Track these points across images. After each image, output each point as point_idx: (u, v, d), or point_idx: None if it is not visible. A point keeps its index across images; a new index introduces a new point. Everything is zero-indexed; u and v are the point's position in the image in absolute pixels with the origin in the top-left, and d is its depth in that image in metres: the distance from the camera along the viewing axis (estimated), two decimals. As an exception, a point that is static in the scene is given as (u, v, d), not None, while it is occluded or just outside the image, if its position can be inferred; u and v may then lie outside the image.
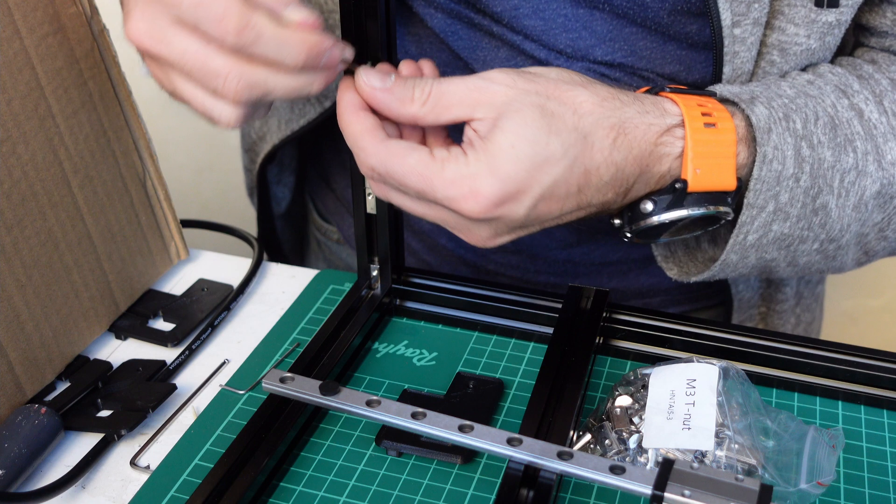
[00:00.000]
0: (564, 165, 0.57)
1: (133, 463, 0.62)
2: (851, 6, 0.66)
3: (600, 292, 0.69)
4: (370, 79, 0.58)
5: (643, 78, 0.74)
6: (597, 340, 0.67)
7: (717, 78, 0.68)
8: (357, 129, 0.58)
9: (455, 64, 0.79)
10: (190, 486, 0.58)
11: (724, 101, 0.64)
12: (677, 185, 0.60)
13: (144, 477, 0.60)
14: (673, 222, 0.62)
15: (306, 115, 0.87)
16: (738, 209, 0.63)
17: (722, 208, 0.61)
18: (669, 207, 0.61)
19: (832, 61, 0.71)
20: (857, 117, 0.64)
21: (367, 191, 0.68)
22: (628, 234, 0.64)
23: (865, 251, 0.70)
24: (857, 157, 0.63)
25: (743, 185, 0.62)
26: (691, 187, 0.60)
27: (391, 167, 0.57)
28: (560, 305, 0.70)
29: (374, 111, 0.59)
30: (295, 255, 1.09)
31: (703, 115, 0.61)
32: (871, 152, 0.64)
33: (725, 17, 0.64)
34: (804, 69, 0.69)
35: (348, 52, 0.59)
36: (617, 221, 0.64)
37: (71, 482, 0.59)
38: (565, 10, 0.72)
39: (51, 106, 0.65)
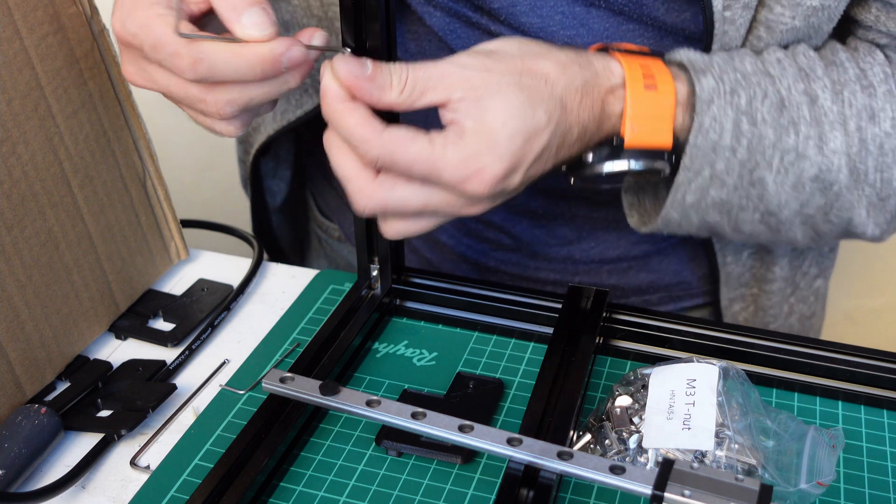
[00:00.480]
0: (550, 131, 0.61)
1: (133, 463, 0.62)
2: None
3: (600, 292, 0.69)
4: (351, 67, 0.58)
5: None
6: (597, 340, 0.67)
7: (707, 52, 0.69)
8: (353, 121, 0.58)
9: None
10: (190, 486, 0.58)
11: (679, 65, 0.67)
12: (615, 142, 0.64)
13: (144, 477, 0.60)
14: (611, 173, 0.65)
15: (303, 105, 0.87)
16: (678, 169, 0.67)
17: (657, 164, 0.65)
18: (607, 158, 0.65)
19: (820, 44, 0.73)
20: (809, 103, 0.67)
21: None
22: (572, 180, 0.67)
23: (815, 230, 0.72)
24: (798, 139, 0.67)
25: (681, 145, 0.66)
26: (627, 144, 0.64)
27: (397, 156, 0.57)
28: (558, 305, 0.70)
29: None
30: (294, 252, 1.09)
31: (645, 76, 0.65)
32: (814, 137, 0.67)
33: (717, 2, 0.66)
34: (785, 46, 0.71)
35: (317, 39, 0.61)
36: (563, 168, 0.67)
37: (71, 482, 0.59)
38: (563, 8, 0.72)
39: (51, 106, 0.65)
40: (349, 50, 0.62)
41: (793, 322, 0.89)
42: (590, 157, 0.65)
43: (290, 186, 1.01)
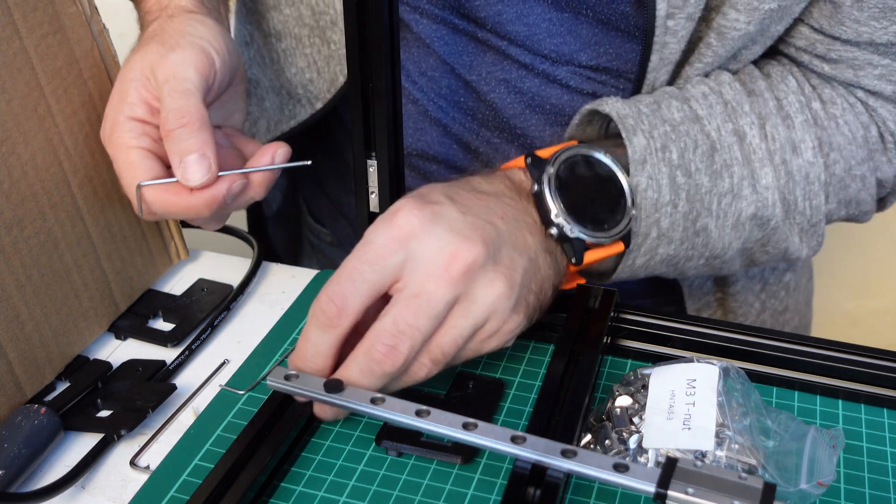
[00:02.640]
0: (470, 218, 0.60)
1: (133, 463, 0.62)
2: None
3: (608, 292, 0.69)
4: None
5: (628, 80, 0.74)
6: (605, 340, 0.67)
7: (644, 64, 0.70)
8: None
9: (442, 69, 0.80)
10: (190, 486, 0.58)
11: (608, 116, 0.69)
12: (528, 161, 0.66)
13: (144, 477, 0.60)
14: (571, 176, 0.66)
15: (296, 116, 0.87)
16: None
17: (582, 150, 0.67)
18: (539, 171, 0.65)
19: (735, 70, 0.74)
20: (739, 142, 0.68)
21: (371, 189, 0.68)
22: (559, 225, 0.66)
23: (752, 260, 0.75)
24: (733, 181, 0.68)
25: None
26: (539, 152, 0.67)
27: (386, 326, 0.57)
28: (562, 304, 0.70)
29: None
30: (288, 257, 1.09)
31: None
32: (747, 177, 0.68)
33: (661, 8, 0.66)
34: (707, 75, 0.72)
35: (280, 157, 0.66)
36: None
37: (71, 482, 0.59)
38: (549, 15, 0.72)
39: (51, 106, 0.65)
40: (310, 162, 0.67)
41: (765, 318, 0.90)
42: (535, 187, 0.65)
43: (284, 194, 1.02)
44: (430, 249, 0.57)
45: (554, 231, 0.64)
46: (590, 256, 0.66)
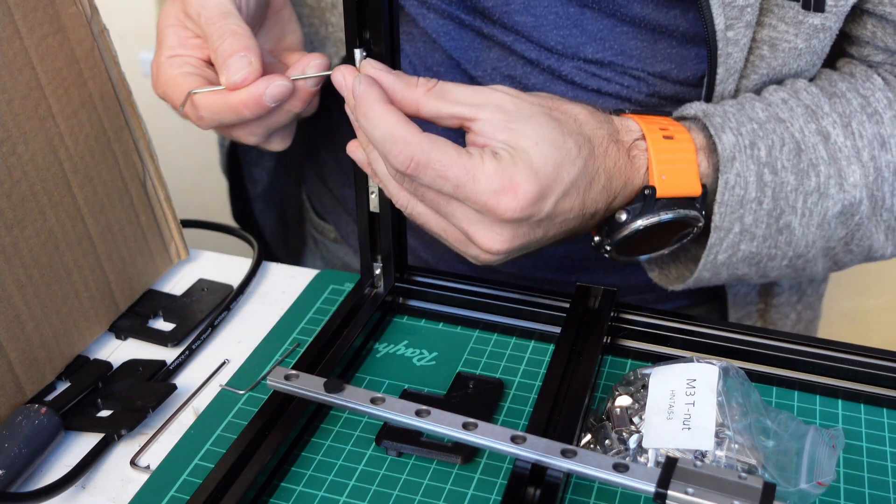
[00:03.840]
0: (579, 165, 0.60)
1: (133, 463, 0.62)
2: (836, 13, 0.68)
3: (608, 291, 0.69)
4: (376, 65, 0.60)
5: (634, 77, 0.74)
6: (605, 340, 0.67)
7: (712, 77, 0.70)
8: (391, 121, 0.58)
9: (447, 63, 0.80)
10: (190, 486, 0.58)
11: (692, 118, 0.68)
12: (646, 192, 0.64)
13: (144, 477, 0.60)
14: (647, 229, 0.65)
15: None
16: (706, 231, 0.67)
17: (691, 212, 0.65)
18: (641, 214, 0.65)
19: (813, 75, 0.74)
20: (823, 142, 0.68)
21: (370, 189, 0.68)
22: (608, 248, 0.67)
23: (835, 262, 0.74)
24: (819, 180, 0.67)
25: (709, 193, 0.66)
26: (659, 193, 0.64)
27: (433, 156, 0.57)
28: (562, 304, 0.70)
29: None
30: (278, 243, 1.08)
31: (661, 128, 0.66)
32: (834, 176, 0.68)
33: (719, 22, 0.67)
34: (781, 83, 0.72)
35: (312, 68, 0.66)
36: (596, 238, 0.68)
37: (71, 482, 0.59)
38: (556, 8, 0.73)
39: (51, 106, 0.65)
40: (363, 53, 0.63)
41: (800, 328, 0.90)
42: (623, 216, 0.65)
43: (272, 175, 1.01)
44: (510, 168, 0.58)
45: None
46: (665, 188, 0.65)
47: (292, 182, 1.04)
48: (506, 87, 0.62)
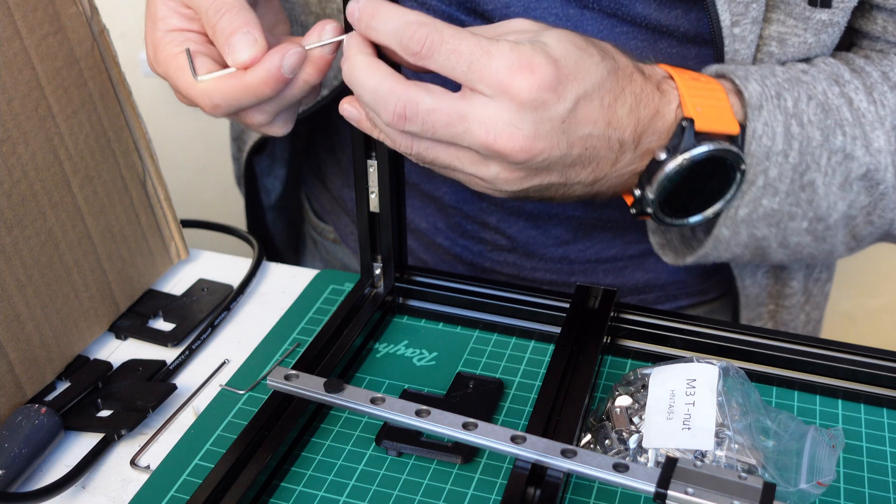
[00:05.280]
0: (602, 72, 0.59)
1: (133, 463, 0.62)
2: (843, 9, 0.67)
3: (608, 291, 0.69)
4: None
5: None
6: (605, 340, 0.67)
7: None
8: (380, 74, 0.57)
9: None
10: (190, 486, 0.58)
11: (717, 76, 0.66)
12: (684, 124, 0.61)
13: (144, 477, 0.60)
14: (690, 170, 0.62)
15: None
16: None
17: (733, 148, 0.62)
18: (681, 149, 0.62)
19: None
20: (847, 105, 0.66)
21: (370, 189, 0.68)
22: (651, 200, 0.63)
23: (853, 235, 0.71)
24: (845, 140, 0.65)
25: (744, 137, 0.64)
26: (698, 126, 0.61)
27: (420, 106, 0.56)
28: (562, 304, 0.70)
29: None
30: (287, 250, 1.09)
31: (689, 75, 0.64)
32: (860, 137, 0.66)
33: (725, 18, 0.66)
34: (800, 60, 0.71)
35: (328, 33, 0.62)
36: (637, 192, 0.64)
37: (71, 482, 0.59)
38: (556, 10, 0.72)
39: (51, 106, 0.65)
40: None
41: (808, 331, 0.90)
42: (662, 154, 0.62)
43: (284, 184, 1.01)
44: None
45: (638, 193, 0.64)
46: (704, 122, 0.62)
47: (296, 186, 1.05)
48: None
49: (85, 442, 0.63)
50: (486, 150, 0.57)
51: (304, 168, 1.02)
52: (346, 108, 0.62)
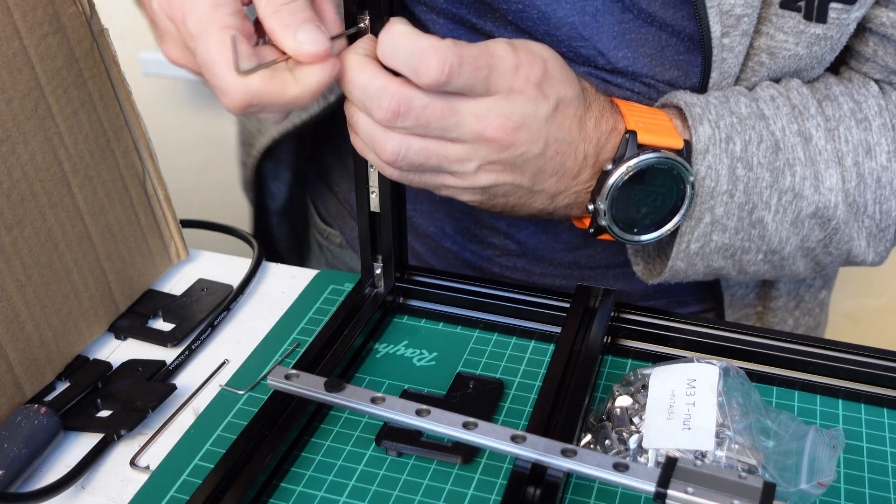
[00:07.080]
0: (577, 88, 0.64)
1: (133, 463, 0.62)
2: (839, 24, 0.68)
3: (608, 291, 0.69)
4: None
5: (645, 84, 0.74)
6: (605, 339, 0.67)
7: (706, 81, 0.71)
8: (371, 71, 0.58)
9: None
10: (190, 486, 0.58)
11: (675, 107, 0.69)
12: (627, 136, 0.65)
13: (144, 477, 0.60)
14: (637, 180, 0.66)
15: (309, 109, 0.86)
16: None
17: (678, 159, 0.66)
18: (625, 158, 0.65)
19: (813, 77, 0.74)
20: (803, 143, 0.68)
21: (371, 189, 0.68)
22: (604, 213, 0.67)
23: (816, 262, 0.74)
24: (794, 180, 0.68)
25: (688, 148, 0.67)
26: (640, 139, 0.65)
27: (414, 102, 0.58)
28: (563, 304, 0.70)
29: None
30: (291, 254, 1.08)
31: (634, 103, 0.69)
32: (810, 178, 0.68)
33: (715, 29, 0.67)
34: (777, 80, 0.72)
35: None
36: (590, 206, 0.68)
37: (71, 482, 0.59)
38: (572, 19, 0.72)
39: (50, 106, 0.65)
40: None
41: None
42: (609, 165, 0.65)
43: (289, 188, 1.01)
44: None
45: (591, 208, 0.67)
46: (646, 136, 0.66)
47: (301, 190, 1.04)
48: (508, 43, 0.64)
49: (85, 442, 0.63)
50: (476, 139, 0.60)
51: (310, 172, 1.02)
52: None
